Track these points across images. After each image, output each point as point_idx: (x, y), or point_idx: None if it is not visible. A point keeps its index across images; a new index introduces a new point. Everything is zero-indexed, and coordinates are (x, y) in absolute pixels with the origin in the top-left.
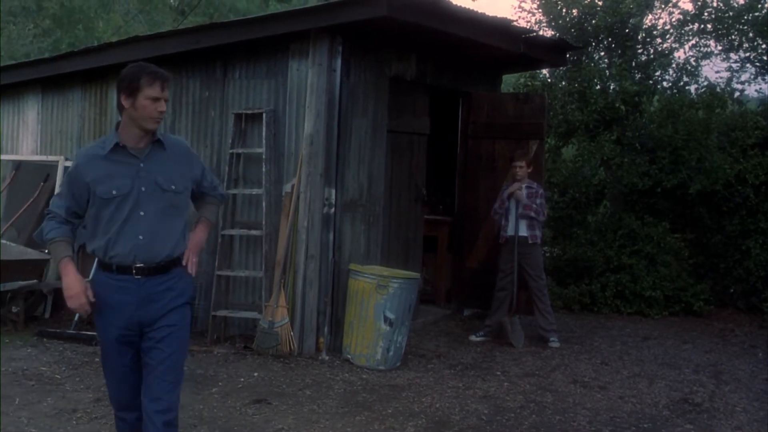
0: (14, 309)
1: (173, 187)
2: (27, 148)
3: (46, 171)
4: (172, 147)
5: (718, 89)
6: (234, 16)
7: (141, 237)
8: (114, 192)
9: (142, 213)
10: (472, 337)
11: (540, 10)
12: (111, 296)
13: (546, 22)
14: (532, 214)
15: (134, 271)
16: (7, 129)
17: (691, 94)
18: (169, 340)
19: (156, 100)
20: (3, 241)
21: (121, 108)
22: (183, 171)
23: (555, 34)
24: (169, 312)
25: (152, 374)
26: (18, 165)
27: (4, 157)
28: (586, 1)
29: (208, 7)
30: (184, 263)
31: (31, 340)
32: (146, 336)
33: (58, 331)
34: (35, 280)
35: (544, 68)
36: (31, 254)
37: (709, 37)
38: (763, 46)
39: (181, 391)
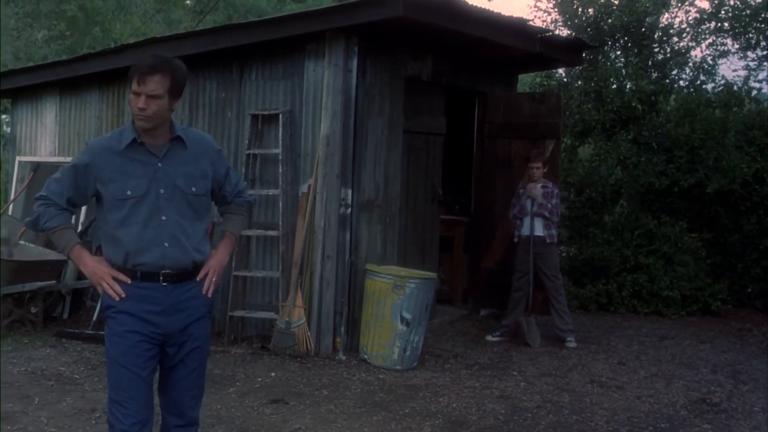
0: (33, 309)
1: (194, 189)
2: (45, 150)
3: None
4: (194, 144)
5: (735, 88)
6: (253, 16)
7: (167, 244)
8: (128, 193)
9: (163, 218)
10: (489, 337)
11: (556, 10)
12: (133, 305)
13: (562, 21)
14: (546, 214)
15: (161, 278)
16: (26, 131)
17: (708, 92)
18: (193, 355)
19: (136, 95)
20: (21, 242)
21: None
22: (205, 171)
23: (571, 34)
24: (192, 323)
25: (175, 389)
26: (36, 166)
27: (22, 158)
28: (602, 0)
29: (226, 8)
30: (198, 279)
31: (50, 340)
32: (167, 352)
33: (76, 331)
34: (54, 281)
35: (560, 68)
36: (50, 255)
37: (726, 35)
38: None
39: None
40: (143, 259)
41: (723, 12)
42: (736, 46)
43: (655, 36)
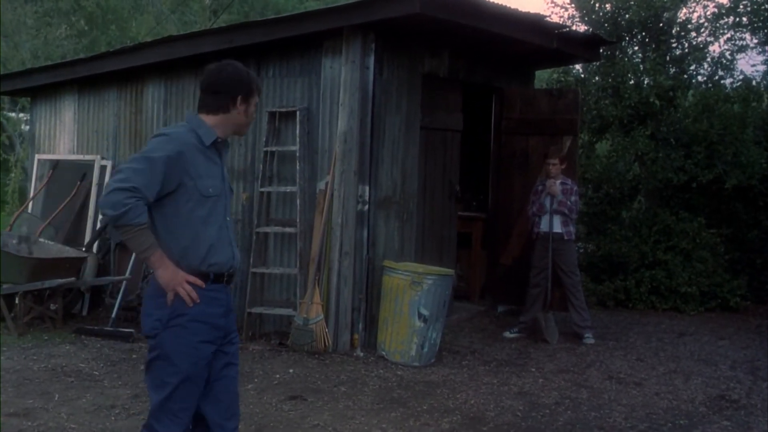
0: (53, 306)
1: (232, 189)
2: (64, 148)
3: (83, 170)
4: None
5: (753, 83)
6: (270, 11)
7: (233, 243)
8: (211, 190)
9: (228, 218)
10: (507, 334)
11: (573, 5)
12: (203, 309)
13: (579, 17)
14: (566, 211)
15: (226, 279)
16: (45, 129)
17: (726, 88)
18: (237, 352)
19: (255, 108)
20: (41, 240)
21: (225, 108)
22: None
23: (588, 29)
24: (233, 321)
25: (226, 390)
26: (55, 164)
27: (41, 156)
28: None
29: (242, 5)
30: None
31: (70, 337)
32: (221, 351)
33: (96, 328)
34: (73, 278)
35: (578, 63)
36: (69, 252)
37: (744, 30)
38: None
39: None
40: (218, 259)
41: (741, 7)
42: (755, 41)
43: (673, 31)
